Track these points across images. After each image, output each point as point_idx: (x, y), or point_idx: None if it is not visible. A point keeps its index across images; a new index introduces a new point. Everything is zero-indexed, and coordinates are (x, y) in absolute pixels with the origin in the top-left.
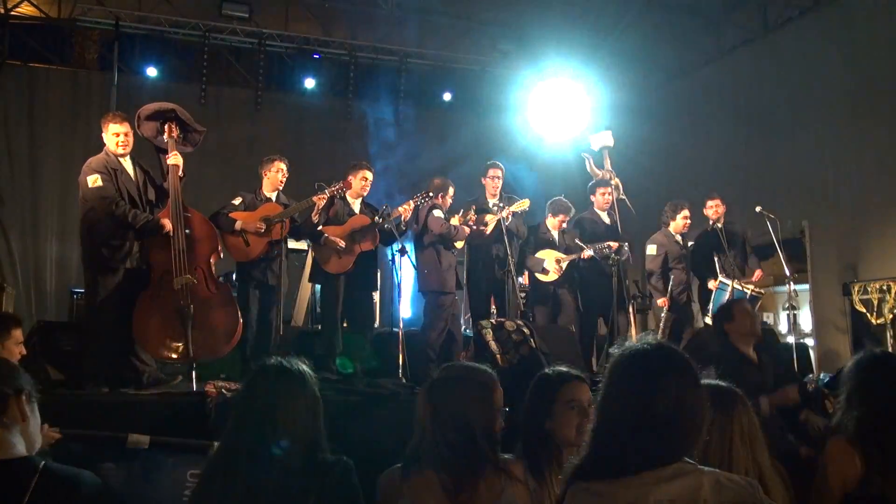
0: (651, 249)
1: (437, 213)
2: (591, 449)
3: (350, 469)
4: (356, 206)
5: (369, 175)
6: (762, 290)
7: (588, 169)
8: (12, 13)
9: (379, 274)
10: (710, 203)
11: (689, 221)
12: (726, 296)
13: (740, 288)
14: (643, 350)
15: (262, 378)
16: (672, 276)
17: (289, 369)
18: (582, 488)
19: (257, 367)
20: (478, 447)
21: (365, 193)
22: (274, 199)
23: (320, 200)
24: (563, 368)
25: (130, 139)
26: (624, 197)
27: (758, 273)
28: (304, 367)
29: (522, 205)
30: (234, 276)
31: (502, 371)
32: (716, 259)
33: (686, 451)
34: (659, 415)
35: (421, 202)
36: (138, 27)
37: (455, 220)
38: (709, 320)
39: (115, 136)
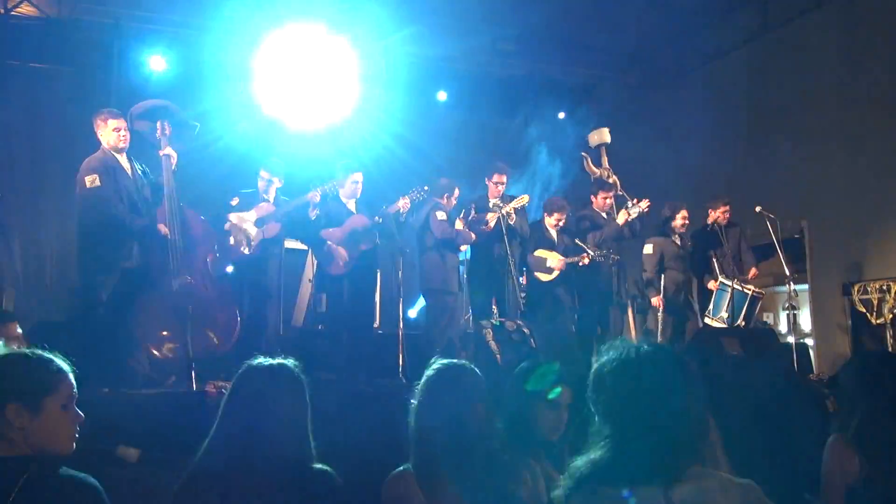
0: (647, 249)
1: (440, 214)
2: (608, 454)
3: (335, 481)
4: (351, 205)
5: (359, 177)
6: (762, 291)
7: (586, 167)
8: (12, 13)
9: (379, 274)
10: (722, 208)
11: (687, 222)
12: (727, 296)
13: (740, 288)
14: (655, 355)
15: (249, 379)
16: (665, 276)
17: (277, 371)
18: (598, 493)
19: (244, 368)
20: (493, 448)
21: (357, 195)
22: (271, 199)
23: (314, 197)
24: (547, 368)
25: (129, 134)
26: (623, 192)
27: (753, 271)
28: (294, 369)
29: (521, 200)
30: (230, 276)
31: (502, 371)
32: (714, 259)
33: (700, 456)
34: (684, 422)
35: (416, 197)
36: (139, 27)
37: (458, 224)
38: (708, 320)
39: (116, 131)
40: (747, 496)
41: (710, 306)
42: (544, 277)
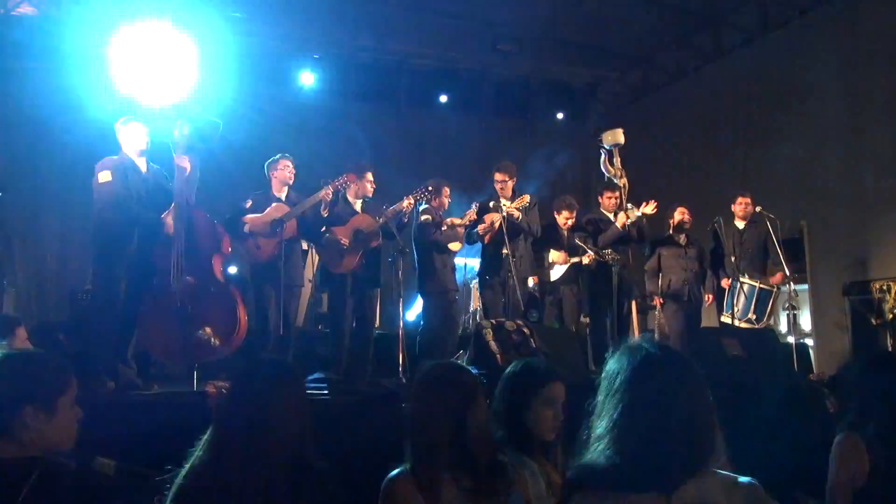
0: (647, 249)
1: (425, 218)
2: (610, 457)
3: (335, 481)
4: (357, 205)
5: (371, 176)
6: (775, 287)
7: (602, 165)
8: (12, 13)
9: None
10: (741, 200)
11: (687, 221)
12: (738, 291)
13: (752, 284)
14: (661, 357)
15: (254, 375)
16: (666, 276)
17: (281, 368)
18: (598, 496)
19: (247, 364)
20: (490, 448)
21: (369, 194)
22: (283, 198)
23: (326, 194)
24: (541, 364)
25: (148, 137)
26: (624, 198)
27: (778, 275)
28: (295, 369)
29: (522, 201)
30: (248, 279)
31: (502, 371)
32: (728, 256)
33: (708, 459)
34: (694, 424)
35: (420, 197)
36: (138, 27)
37: (443, 226)
38: (724, 318)
39: (136, 132)
40: (750, 496)
41: (724, 302)
42: (551, 276)
